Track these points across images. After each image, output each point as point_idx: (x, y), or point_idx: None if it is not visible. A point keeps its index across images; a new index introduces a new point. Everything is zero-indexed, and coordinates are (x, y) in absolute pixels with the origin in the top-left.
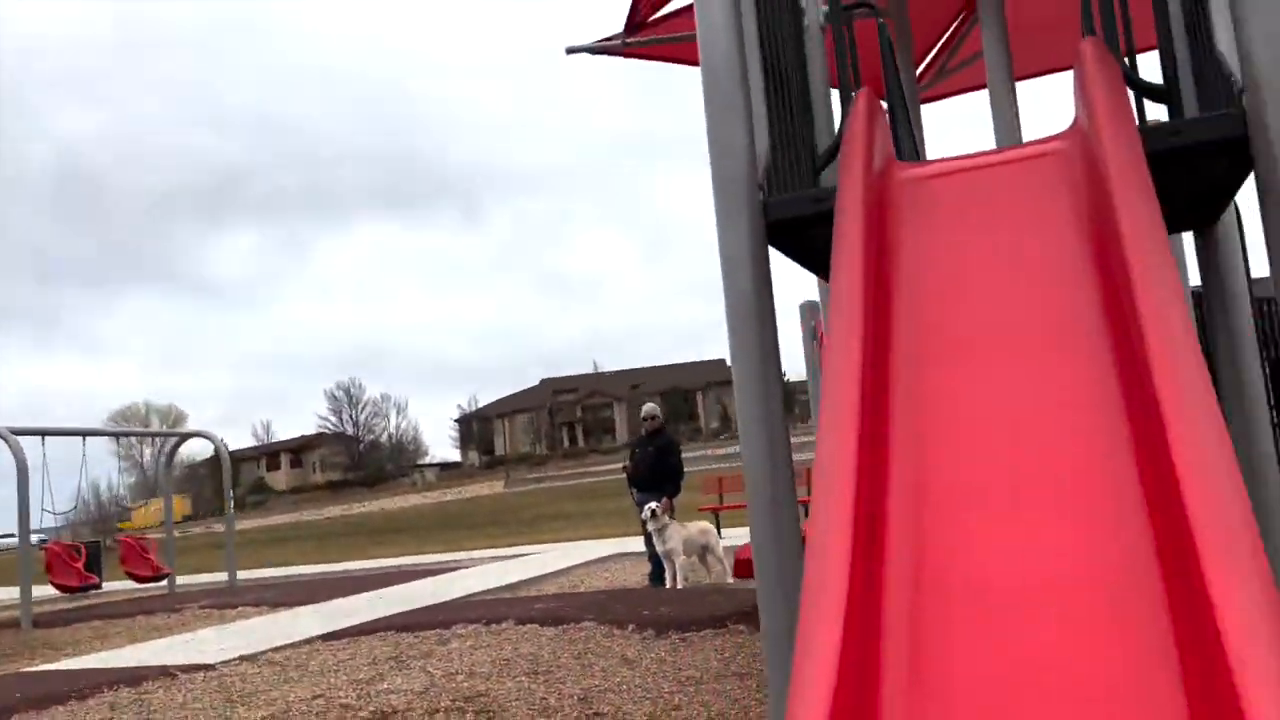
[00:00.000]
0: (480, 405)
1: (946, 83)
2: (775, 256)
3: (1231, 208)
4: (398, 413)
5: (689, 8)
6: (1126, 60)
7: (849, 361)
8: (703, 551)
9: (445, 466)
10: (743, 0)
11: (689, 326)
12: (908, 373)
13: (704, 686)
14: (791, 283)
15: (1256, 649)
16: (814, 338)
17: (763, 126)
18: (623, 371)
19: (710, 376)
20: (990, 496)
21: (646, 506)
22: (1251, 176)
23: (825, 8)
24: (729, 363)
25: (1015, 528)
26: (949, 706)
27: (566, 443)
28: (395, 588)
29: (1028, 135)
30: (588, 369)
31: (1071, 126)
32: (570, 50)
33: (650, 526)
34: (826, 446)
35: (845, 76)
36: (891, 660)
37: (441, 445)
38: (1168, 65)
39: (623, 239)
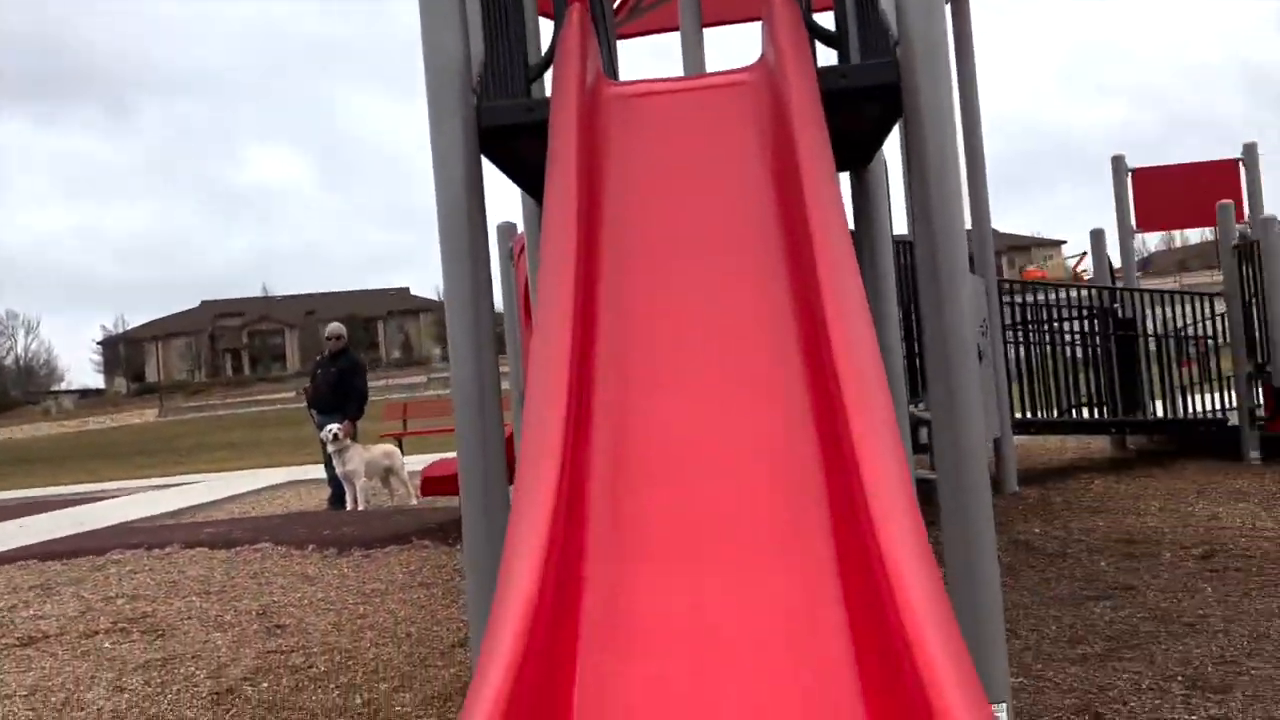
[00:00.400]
0: (129, 327)
1: (638, 22)
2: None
3: (880, 157)
4: (27, 332)
5: None
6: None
7: (563, 271)
8: (386, 473)
9: (86, 394)
10: None
11: (371, 252)
12: (613, 277)
13: (390, 597)
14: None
15: (892, 502)
16: (511, 259)
17: (477, 32)
18: (296, 296)
19: (393, 305)
20: (682, 385)
21: (327, 429)
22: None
23: None
24: (413, 289)
25: (701, 410)
26: (645, 544)
27: (230, 370)
28: (34, 518)
29: None
30: (256, 292)
31: (759, 61)
32: None
33: (331, 449)
34: (541, 354)
35: None
36: (596, 513)
37: (82, 371)
38: (839, 14)
39: (299, 155)
